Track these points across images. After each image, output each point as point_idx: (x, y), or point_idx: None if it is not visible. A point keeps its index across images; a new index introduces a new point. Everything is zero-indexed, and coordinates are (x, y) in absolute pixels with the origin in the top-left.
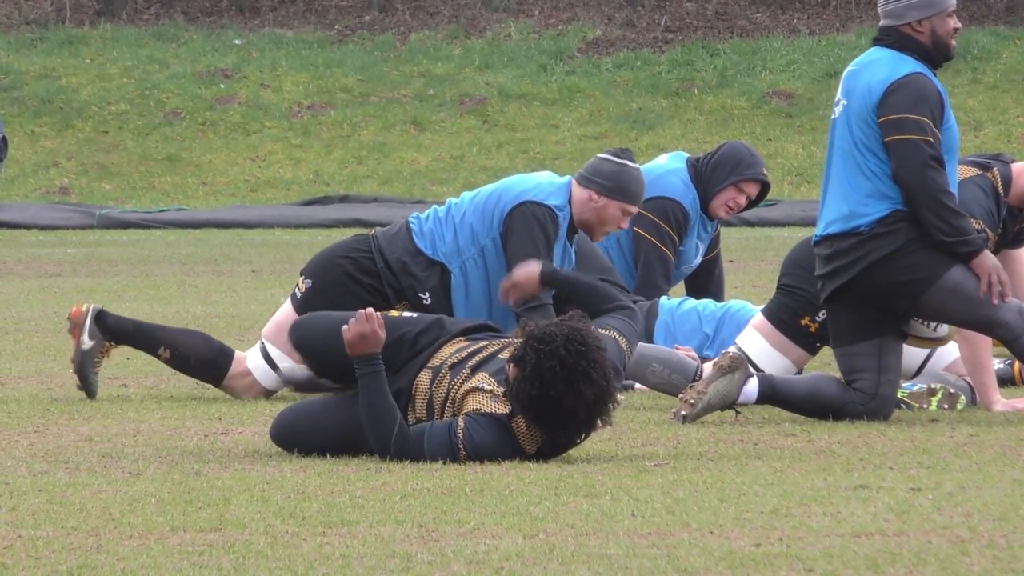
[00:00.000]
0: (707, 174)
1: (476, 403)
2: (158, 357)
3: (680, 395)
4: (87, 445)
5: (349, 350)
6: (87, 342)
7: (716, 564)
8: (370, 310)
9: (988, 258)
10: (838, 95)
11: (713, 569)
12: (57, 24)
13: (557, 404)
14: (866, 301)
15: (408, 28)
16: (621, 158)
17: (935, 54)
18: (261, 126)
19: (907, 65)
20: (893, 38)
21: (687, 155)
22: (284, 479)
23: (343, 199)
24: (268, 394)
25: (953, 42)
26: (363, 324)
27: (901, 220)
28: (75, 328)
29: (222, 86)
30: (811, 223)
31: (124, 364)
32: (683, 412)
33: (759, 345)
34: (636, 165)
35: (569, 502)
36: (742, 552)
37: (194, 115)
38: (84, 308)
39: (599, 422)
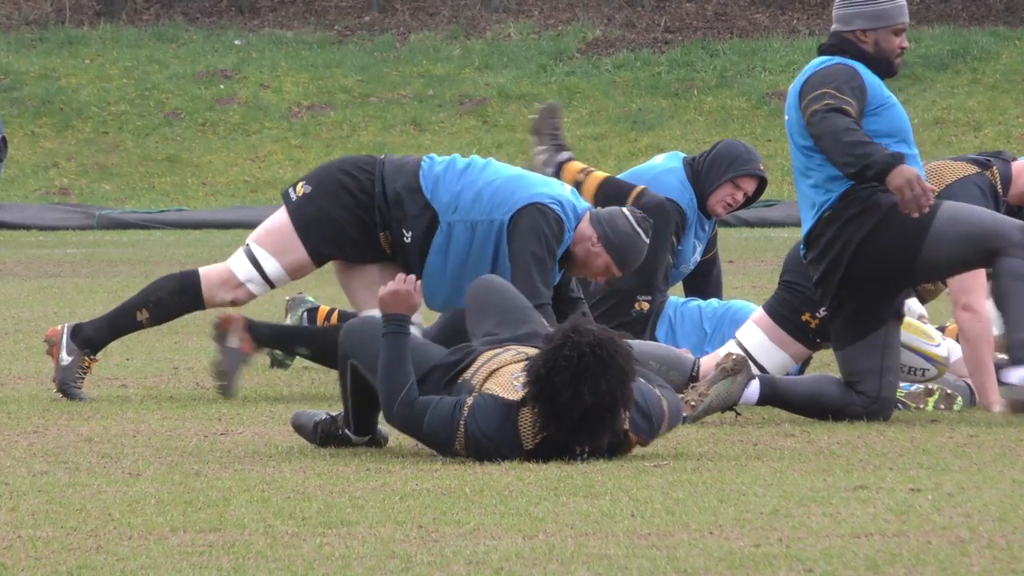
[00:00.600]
0: (704, 172)
1: (493, 384)
2: (141, 325)
3: (681, 396)
4: (87, 445)
5: (381, 307)
6: (66, 358)
7: (716, 565)
8: (411, 276)
9: (901, 173)
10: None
11: (713, 570)
12: (57, 24)
13: (556, 393)
14: (866, 289)
15: (408, 28)
16: (639, 226)
17: (876, 66)
18: (261, 126)
19: (831, 60)
20: (835, 42)
21: (684, 154)
22: (284, 480)
23: None
24: (252, 297)
25: (898, 60)
26: (400, 284)
27: (869, 196)
28: (53, 347)
29: (222, 87)
30: None
31: (124, 365)
32: (684, 413)
33: (758, 339)
34: (647, 240)
35: (569, 502)
36: (742, 553)
37: (194, 115)
38: (59, 327)
39: (592, 437)
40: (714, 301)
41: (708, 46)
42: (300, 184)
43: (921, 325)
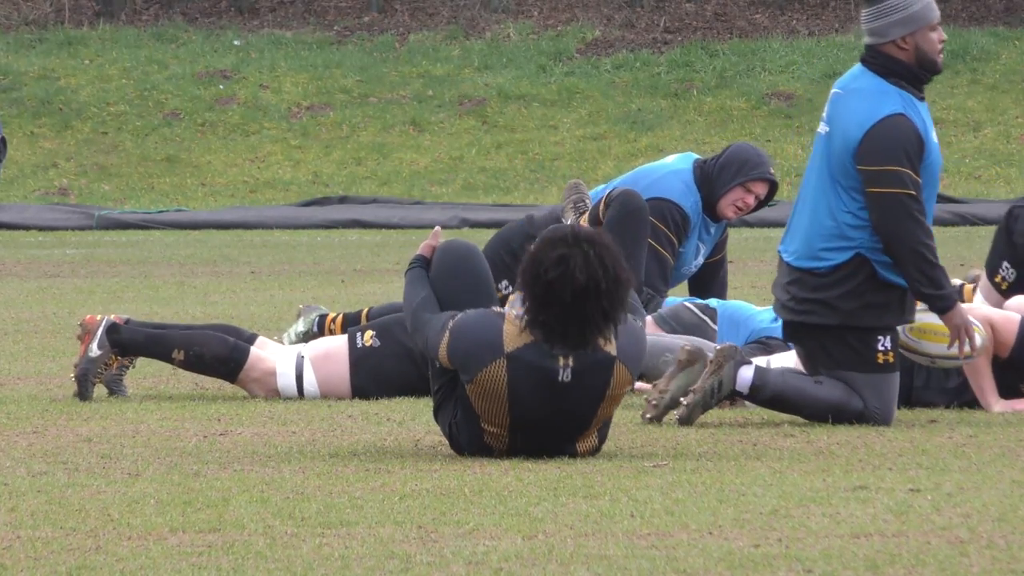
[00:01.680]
0: (714, 175)
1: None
2: (171, 362)
3: (645, 397)
4: (86, 446)
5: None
6: (95, 351)
7: (715, 565)
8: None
9: (959, 314)
10: (825, 114)
11: (712, 570)
12: (56, 25)
13: (545, 272)
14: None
15: (407, 29)
16: (704, 314)
17: (921, 72)
18: (260, 127)
19: (887, 104)
20: (879, 62)
21: (696, 156)
22: (283, 480)
23: (342, 200)
24: (278, 394)
25: (940, 57)
26: (433, 239)
27: (849, 293)
28: (86, 335)
29: (221, 87)
30: None
31: None
32: (648, 414)
33: (791, 363)
34: (715, 327)
35: (568, 503)
36: (741, 553)
37: (193, 116)
38: (99, 317)
39: (584, 325)
40: (712, 301)
41: (708, 46)
42: (370, 333)
43: (934, 324)
